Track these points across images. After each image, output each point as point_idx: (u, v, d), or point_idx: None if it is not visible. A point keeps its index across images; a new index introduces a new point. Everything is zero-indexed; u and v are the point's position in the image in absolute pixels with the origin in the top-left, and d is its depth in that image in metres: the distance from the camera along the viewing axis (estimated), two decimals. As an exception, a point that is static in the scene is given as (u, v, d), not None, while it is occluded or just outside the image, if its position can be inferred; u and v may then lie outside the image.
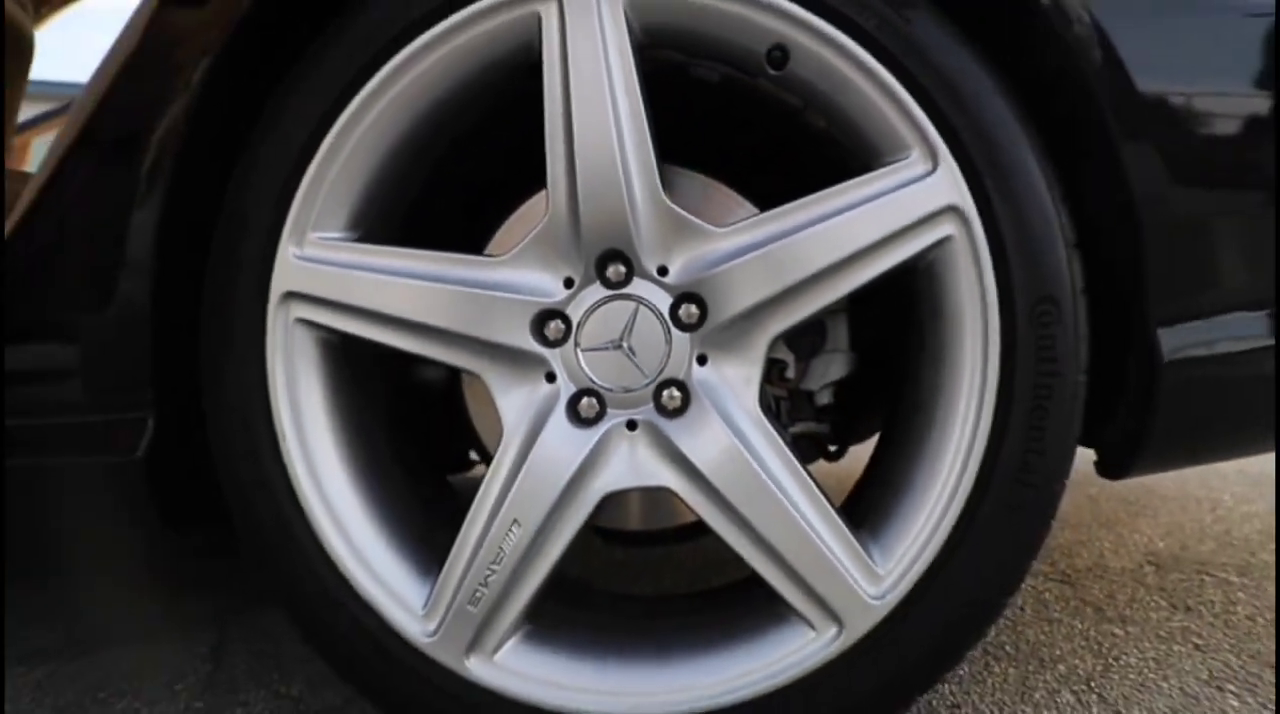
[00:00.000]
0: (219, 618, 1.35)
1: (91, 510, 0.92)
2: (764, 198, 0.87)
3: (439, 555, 0.82)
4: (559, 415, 0.80)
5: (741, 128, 0.95)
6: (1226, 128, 0.77)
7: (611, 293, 0.79)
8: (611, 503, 0.81)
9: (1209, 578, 1.35)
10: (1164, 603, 1.25)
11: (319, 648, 0.83)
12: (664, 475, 0.79)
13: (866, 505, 0.84)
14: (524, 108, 0.81)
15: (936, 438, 0.77)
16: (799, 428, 0.92)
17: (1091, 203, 0.76)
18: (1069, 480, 0.76)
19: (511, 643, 0.81)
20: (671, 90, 0.84)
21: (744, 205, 0.88)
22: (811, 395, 0.92)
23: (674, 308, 0.79)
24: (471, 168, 0.96)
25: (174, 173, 0.84)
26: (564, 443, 0.79)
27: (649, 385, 0.79)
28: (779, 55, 0.77)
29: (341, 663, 0.83)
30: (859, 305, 0.91)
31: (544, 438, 0.79)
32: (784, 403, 0.91)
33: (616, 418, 0.80)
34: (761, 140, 0.96)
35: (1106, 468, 0.87)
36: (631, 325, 0.79)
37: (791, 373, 0.90)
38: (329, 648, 0.83)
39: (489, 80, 0.83)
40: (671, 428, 0.79)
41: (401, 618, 0.80)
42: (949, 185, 0.73)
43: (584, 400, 0.80)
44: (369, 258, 0.81)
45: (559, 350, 0.80)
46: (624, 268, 0.79)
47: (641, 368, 0.79)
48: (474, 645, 0.80)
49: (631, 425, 0.80)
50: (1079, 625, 1.17)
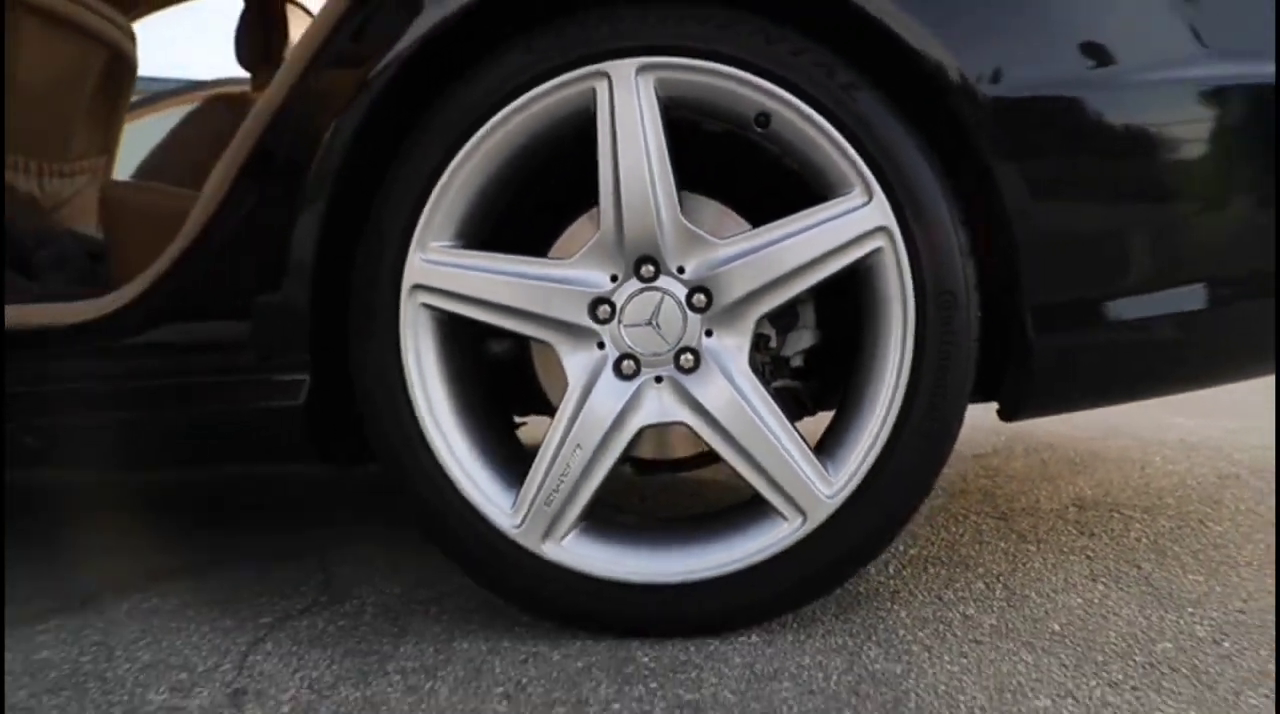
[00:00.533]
0: (318, 546, 1.68)
1: (263, 449, 1.26)
2: (754, 216, 1.19)
3: (518, 473, 1.15)
4: (607, 372, 1.13)
5: (738, 166, 1.27)
6: (1074, 174, 1.08)
7: (644, 286, 1.12)
8: (644, 437, 1.15)
9: (1117, 515, 1.68)
10: (1075, 531, 1.58)
11: (438, 542, 1.17)
12: (683, 415, 1.12)
13: (828, 438, 1.17)
14: (578, 150, 1.14)
15: (873, 387, 1.10)
16: (779, 383, 1.24)
17: (982, 222, 1.09)
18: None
19: (574, 534, 1.14)
20: (687, 139, 1.16)
21: (739, 222, 1.20)
22: (788, 360, 1.25)
23: (689, 296, 1.11)
24: (539, 192, 1.29)
25: (330, 193, 1.16)
26: (611, 392, 1.12)
27: (671, 351, 1.12)
28: (764, 119, 1.10)
29: (454, 551, 1.16)
30: (823, 296, 1.24)
31: (597, 388, 1.12)
32: (767, 365, 1.23)
33: (648, 374, 1.13)
34: (752, 175, 1.29)
35: (1003, 413, 1.20)
36: (659, 309, 1.12)
37: (774, 343, 1.22)
38: (446, 541, 1.16)
39: (555, 131, 1.15)
40: (687, 381, 1.12)
41: (497, 516, 1.13)
42: (880, 212, 1.06)
43: (625, 362, 1.13)
44: (471, 259, 1.14)
45: (607, 326, 1.13)
46: (653, 268, 1.12)
47: (665, 339, 1.12)
48: (548, 534, 1.13)
49: (659, 379, 1.13)
50: (1002, 545, 1.50)
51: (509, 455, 1.23)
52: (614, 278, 1.12)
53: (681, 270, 1.11)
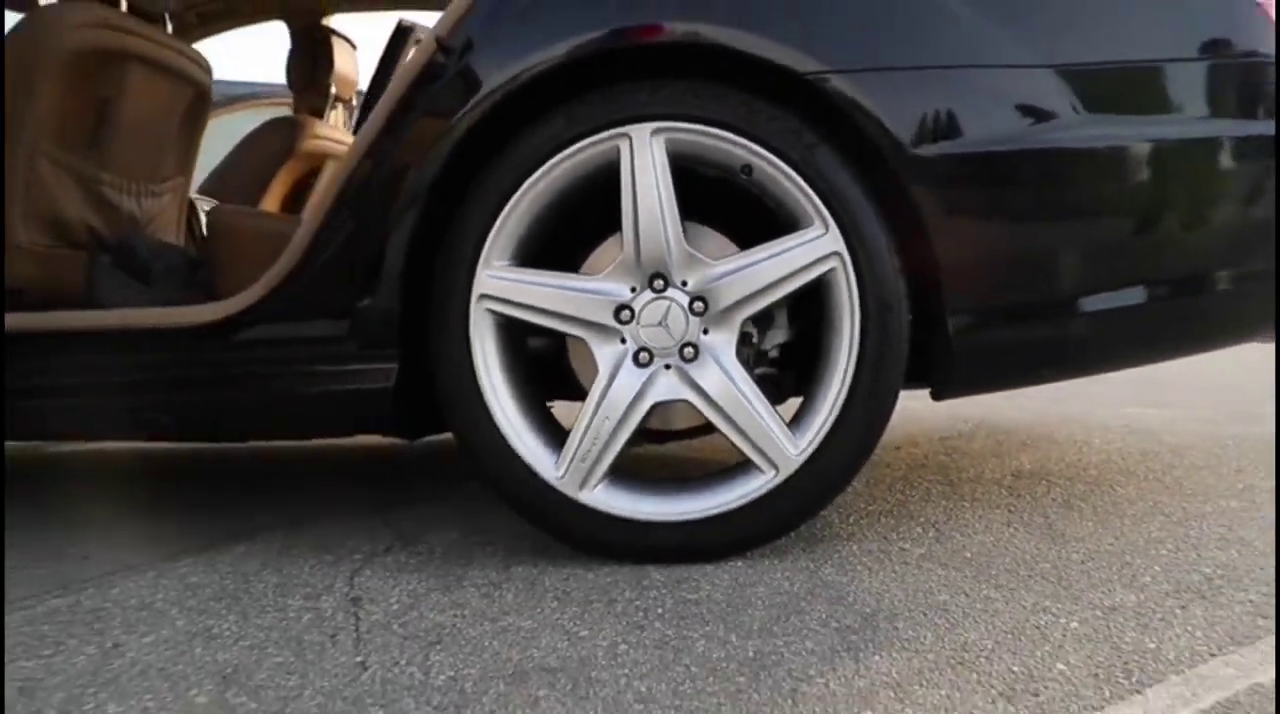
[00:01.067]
0: (380, 509, 2.03)
1: (356, 422, 1.62)
2: (743, 240, 1.54)
3: (557, 439, 1.51)
4: (628, 362, 1.48)
5: (728, 202, 1.62)
6: (981, 210, 1.44)
7: (656, 295, 1.47)
8: (654, 412, 1.50)
9: (1046, 481, 2.03)
10: (1006, 493, 1.93)
11: (498, 490, 1.52)
12: (686, 394, 1.47)
13: (799, 412, 1.52)
14: (603, 189, 1.49)
15: (830, 374, 1.45)
16: (760, 371, 1.60)
17: (913, 247, 1.44)
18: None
19: (603, 484, 1.49)
20: (689, 181, 1.51)
21: (729, 245, 1.55)
22: (766, 352, 1.60)
23: (690, 303, 1.46)
24: (573, 221, 1.64)
25: (417, 215, 1.51)
26: (631, 376, 1.48)
27: (677, 345, 1.48)
28: (747, 169, 1.45)
29: (511, 497, 1.52)
30: (795, 303, 1.59)
31: (620, 373, 1.48)
32: (751, 357, 1.59)
33: (659, 363, 1.48)
34: (739, 209, 1.64)
35: (934, 394, 1.56)
36: (667, 313, 1.47)
37: (756, 339, 1.58)
38: (504, 489, 1.51)
39: (587, 176, 1.50)
40: (689, 368, 1.47)
41: (544, 470, 1.49)
42: (834, 241, 1.41)
43: (641, 353, 1.48)
44: (525, 275, 1.49)
45: (628, 327, 1.48)
46: (663, 282, 1.47)
47: (672, 336, 1.47)
48: (583, 484, 1.48)
49: (667, 367, 1.48)
50: (943, 504, 1.85)
51: (547, 425, 1.59)
52: (633, 289, 1.48)
53: (685, 283, 1.47)
